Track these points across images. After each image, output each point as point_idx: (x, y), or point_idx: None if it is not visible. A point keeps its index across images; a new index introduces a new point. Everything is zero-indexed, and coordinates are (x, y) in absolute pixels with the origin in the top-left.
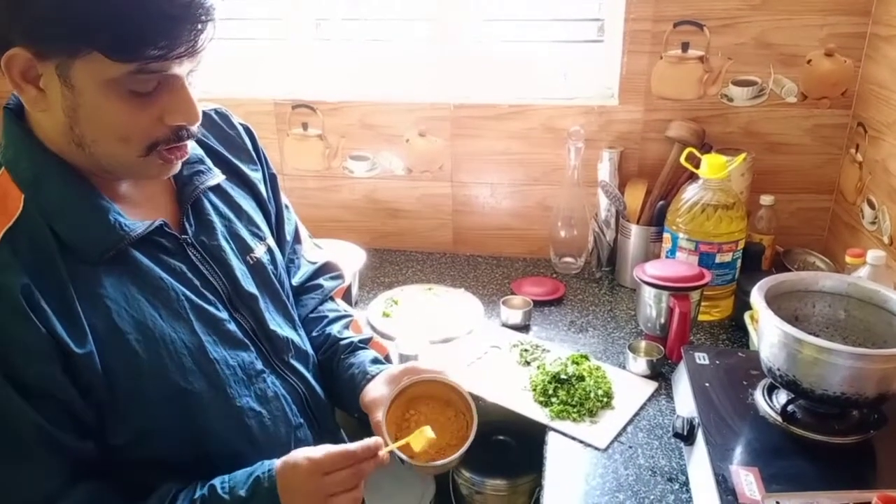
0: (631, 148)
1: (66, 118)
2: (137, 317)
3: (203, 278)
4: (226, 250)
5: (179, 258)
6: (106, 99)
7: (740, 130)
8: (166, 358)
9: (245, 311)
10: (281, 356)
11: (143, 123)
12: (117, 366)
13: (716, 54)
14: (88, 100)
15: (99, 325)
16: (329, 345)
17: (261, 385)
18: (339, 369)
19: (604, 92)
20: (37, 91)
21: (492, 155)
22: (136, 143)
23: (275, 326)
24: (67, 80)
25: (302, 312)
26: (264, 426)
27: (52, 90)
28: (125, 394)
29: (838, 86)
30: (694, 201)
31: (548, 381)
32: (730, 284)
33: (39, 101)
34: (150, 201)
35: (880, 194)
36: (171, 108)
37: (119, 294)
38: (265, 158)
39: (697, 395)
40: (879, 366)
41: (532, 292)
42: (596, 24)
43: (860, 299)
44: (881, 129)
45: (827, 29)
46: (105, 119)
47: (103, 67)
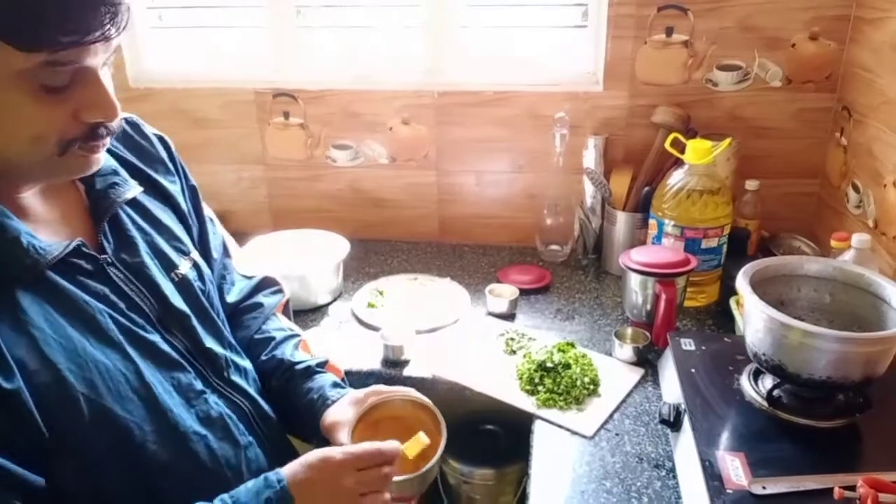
0: (616, 134)
1: None
2: (66, 345)
3: (128, 300)
4: (150, 267)
5: (101, 280)
6: (15, 95)
7: (725, 115)
8: (101, 387)
9: (177, 330)
10: (220, 374)
11: (58, 121)
12: (50, 399)
13: (700, 38)
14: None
15: (26, 356)
16: (283, 370)
17: (202, 406)
18: (296, 395)
19: (588, 78)
20: None
21: (477, 142)
22: (51, 142)
23: (210, 344)
24: None
25: (245, 334)
26: (211, 449)
27: None
28: (62, 428)
29: (823, 69)
30: (679, 187)
31: (534, 369)
32: (715, 270)
33: None
34: (62, 218)
35: (865, 178)
36: (86, 104)
37: (42, 321)
38: (183, 169)
39: (683, 381)
40: (864, 349)
41: (518, 280)
42: (580, 9)
43: (845, 283)
44: (865, 113)
45: (811, 12)
46: (15, 118)
47: (10, 59)
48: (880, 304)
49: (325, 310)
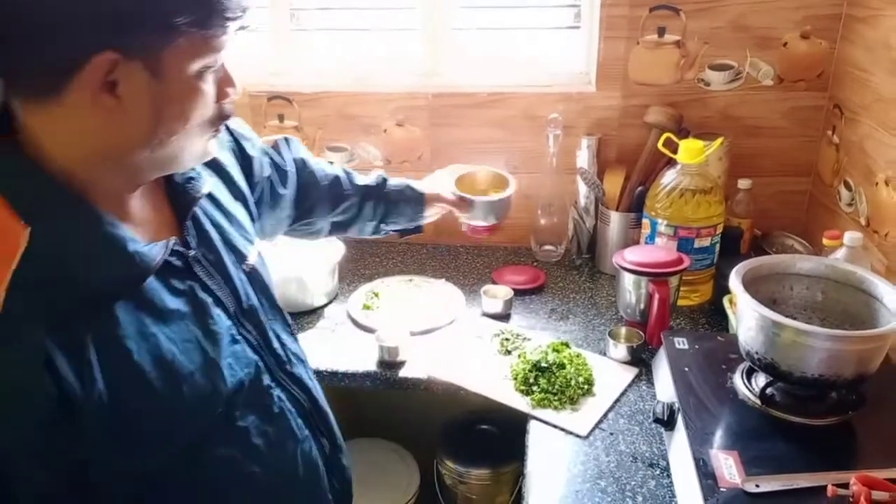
0: (609, 134)
1: (151, 118)
2: (155, 353)
3: (213, 296)
4: (227, 262)
5: (188, 277)
6: (192, 84)
7: (718, 115)
8: (186, 393)
9: (250, 325)
10: (283, 367)
11: (210, 105)
12: (132, 408)
13: (692, 39)
14: (178, 89)
15: (115, 370)
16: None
17: (267, 402)
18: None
19: (581, 78)
20: (113, 100)
21: (471, 143)
22: (209, 124)
23: (274, 336)
24: (158, 73)
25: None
26: (270, 444)
27: (135, 92)
28: (139, 437)
29: (814, 68)
30: (672, 186)
31: (528, 369)
32: (709, 269)
33: (115, 110)
34: (152, 215)
35: (857, 176)
36: (224, 84)
37: (135, 331)
38: (240, 146)
39: (677, 380)
40: (857, 347)
41: (513, 281)
42: (573, 10)
43: (837, 281)
44: (857, 111)
45: (802, 11)
46: (189, 106)
47: (192, 49)
48: (872, 301)
49: (321, 312)
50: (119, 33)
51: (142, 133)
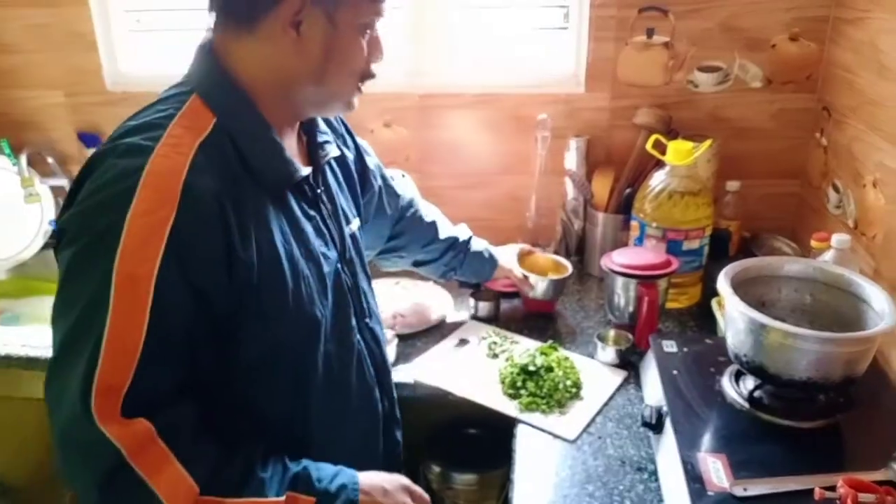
0: (598, 136)
1: (321, 56)
2: (287, 248)
3: (329, 231)
4: (339, 215)
5: (314, 209)
6: (355, 36)
7: (706, 116)
8: (303, 289)
9: (348, 272)
10: (363, 317)
11: (364, 59)
12: (268, 283)
13: (681, 40)
14: (344, 39)
15: (262, 243)
16: (456, 246)
17: (352, 339)
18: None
19: (570, 79)
20: (296, 35)
21: (459, 145)
22: (358, 76)
23: (362, 291)
24: (333, 20)
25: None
26: (346, 378)
27: (314, 32)
28: (269, 309)
29: (803, 70)
30: (661, 188)
31: (516, 373)
32: (697, 271)
33: (295, 43)
34: (295, 155)
35: (845, 178)
36: (376, 48)
37: (277, 225)
38: (354, 139)
39: (665, 383)
40: (845, 349)
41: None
42: (561, 10)
43: (826, 283)
44: (845, 113)
45: (791, 13)
46: (350, 55)
47: (361, 8)
48: (860, 304)
49: None
50: None
51: (311, 69)
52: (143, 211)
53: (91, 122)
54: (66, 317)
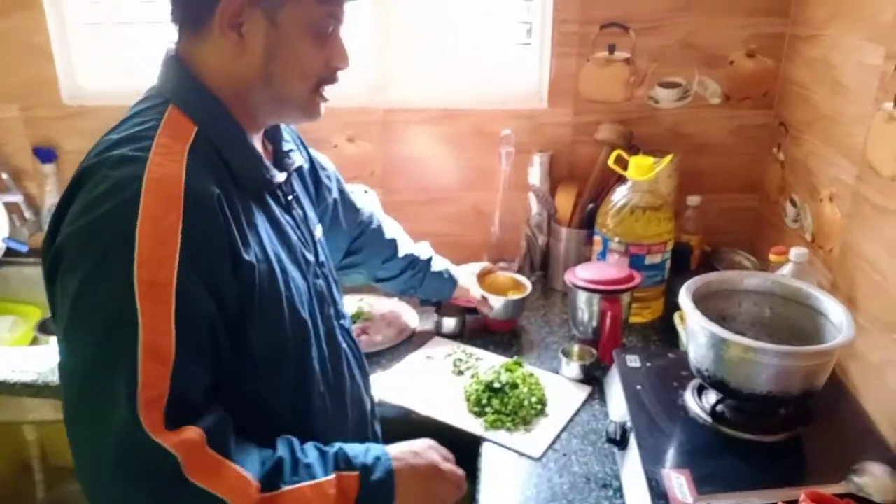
0: (561, 151)
1: (263, 57)
2: (275, 251)
3: (303, 235)
4: (308, 219)
5: (289, 214)
6: (301, 38)
7: (667, 132)
8: (293, 290)
9: (323, 273)
10: (341, 320)
11: (318, 63)
12: (263, 283)
13: (641, 56)
14: (288, 39)
15: (256, 246)
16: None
17: (337, 339)
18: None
19: (533, 95)
20: (237, 36)
21: (423, 160)
22: (311, 81)
23: (335, 292)
24: (274, 21)
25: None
26: (338, 374)
27: (254, 33)
28: (269, 309)
29: (760, 86)
30: (623, 203)
31: (481, 390)
32: (660, 285)
33: (237, 45)
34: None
35: (802, 192)
36: (337, 53)
37: (263, 229)
38: (308, 151)
39: (629, 398)
40: (803, 363)
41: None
42: (524, 26)
43: (784, 297)
44: (801, 129)
45: (748, 30)
46: (296, 57)
47: (308, 10)
48: (818, 317)
49: None
50: None
51: (256, 70)
52: (152, 217)
53: (47, 136)
54: (86, 337)
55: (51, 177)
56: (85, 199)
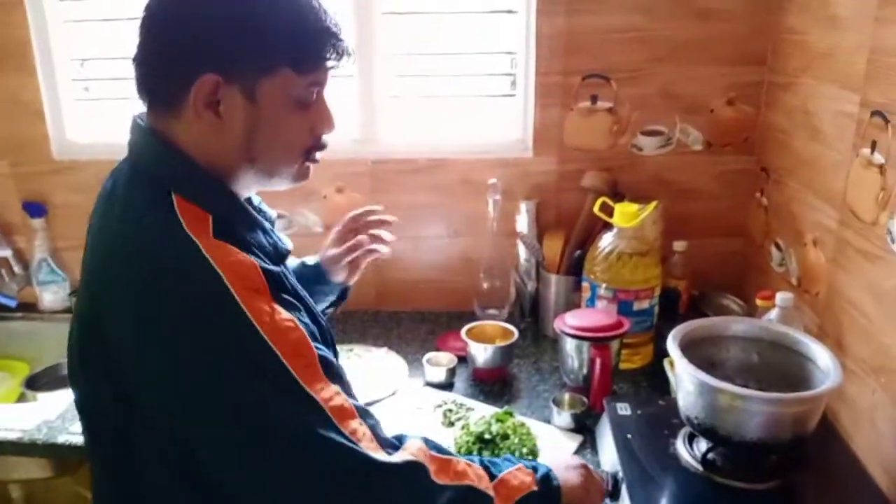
0: (548, 198)
1: (244, 135)
2: (301, 318)
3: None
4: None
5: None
6: (283, 111)
7: (651, 178)
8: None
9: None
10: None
11: (303, 133)
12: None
13: (623, 105)
14: (268, 114)
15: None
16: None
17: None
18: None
19: (518, 144)
20: (214, 115)
21: (412, 209)
22: (297, 152)
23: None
24: (252, 98)
25: None
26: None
27: (232, 111)
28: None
29: (741, 133)
30: (609, 250)
31: (472, 441)
32: (649, 331)
33: (214, 124)
34: None
35: (786, 237)
36: (321, 119)
37: (287, 295)
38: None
39: (620, 447)
40: (791, 409)
41: (457, 347)
42: (508, 78)
43: (771, 342)
44: (783, 174)
45: (727, 78)
46: (279, 131)
47: (287, 82)
48: (806, 362)
49: None
50: (222, 61)
51: (238, 148)
52: (239, 284)
53: (36, 191)
54: (228, 384)
55: (40, 231)
56: (158, 282)
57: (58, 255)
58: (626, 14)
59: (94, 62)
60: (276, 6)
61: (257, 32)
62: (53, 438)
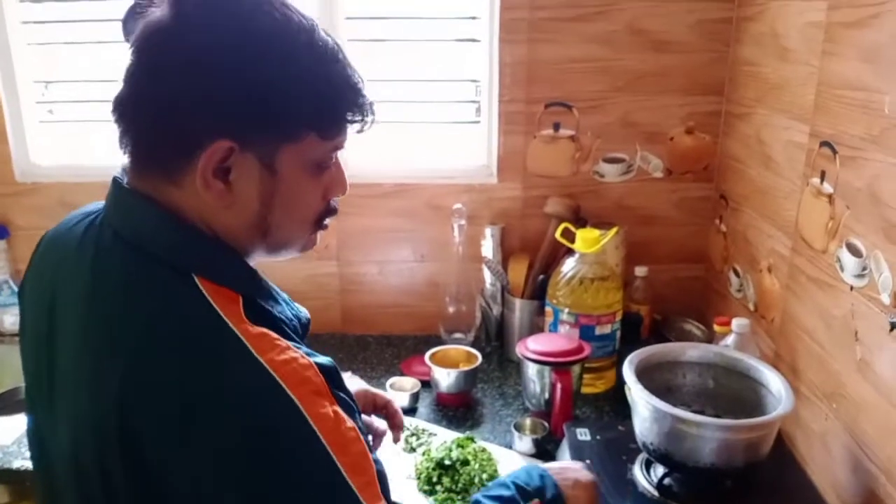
0: (512, 224)
1: (257, 207)
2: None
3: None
4: None
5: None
6: (302, 180)
7: (613, 205)
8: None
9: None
10: None
11: (318, 199)
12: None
13: (585, 133)
14: (287, 184)
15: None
16: None
17: None
18: None
19: (483, 170)
20: (223, 186)
21: (378, 233)
22: (310, 221)
23: None
24: (271, 167)
25: None
26: None
27: (246, 181)
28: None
29: (700, 161)
30: (571, 275)
31: (432, 467)
32: (611, 356)
33: (223, 196)
34: None
35: (743, 263)
36: (334, 182)
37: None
38: None
39: None
40: (743, 436)
41: (421, 372)
42: (473, 105)
43: (726, 368)
44: (740, 201)
45: (686, 108)
46: (296, 201)
47: (310, 149)
48: (759, 388)
49: None
50: (239, 126)
51: (249, 220)
52: (294, 382)
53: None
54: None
55: (1, 253)
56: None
57: (18, 278)
58: (585, 45)
59: (59, 85)
60: (301, 63)
61: (282, 94)
62: (9, 464)
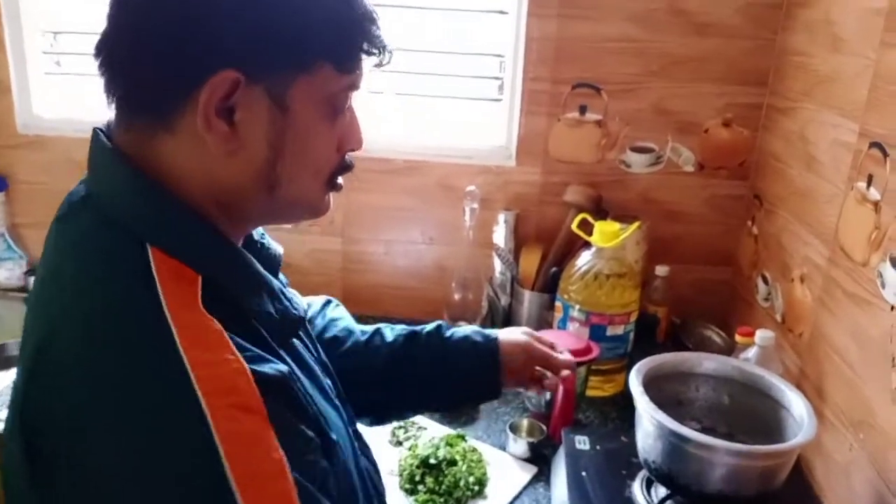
0: (528, 211)
1: (268, 153)
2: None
3: (316, 351)
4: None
5: (302, 333)
6: (316, 121)
7: (638, 197)
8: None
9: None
10: (364, 450)
11: (332, 151)
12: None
13: (613, 119)
14: (302, 125)
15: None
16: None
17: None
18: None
19: (501, 152)
20: (227, 127)
21: (386, 211)
22: (325, 175)
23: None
24: (282, 103)
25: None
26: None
27: (253, 121)
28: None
29: (735, 156)
30: (586, 269)
31: (416, 465)
32: (622, 358)
33: (227, 140)
34: None
35: (774, 270)
36: (350, 132)
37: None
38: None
39: (572, 486)
40: (758, 463)
41: None
42: (496, 82)
43: (744, 384)
44: (776, 203)
45: (725, 98)
46: (310, 148)
47: (326, 83)
48: (780, 409)
49: None
50: (245, 52)
51: (255, 169)
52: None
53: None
54: None
55: (1, 205)
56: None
57: (15, 231)
58: (620, 23)
59: (68, 36)
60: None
61: (296, 16)
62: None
